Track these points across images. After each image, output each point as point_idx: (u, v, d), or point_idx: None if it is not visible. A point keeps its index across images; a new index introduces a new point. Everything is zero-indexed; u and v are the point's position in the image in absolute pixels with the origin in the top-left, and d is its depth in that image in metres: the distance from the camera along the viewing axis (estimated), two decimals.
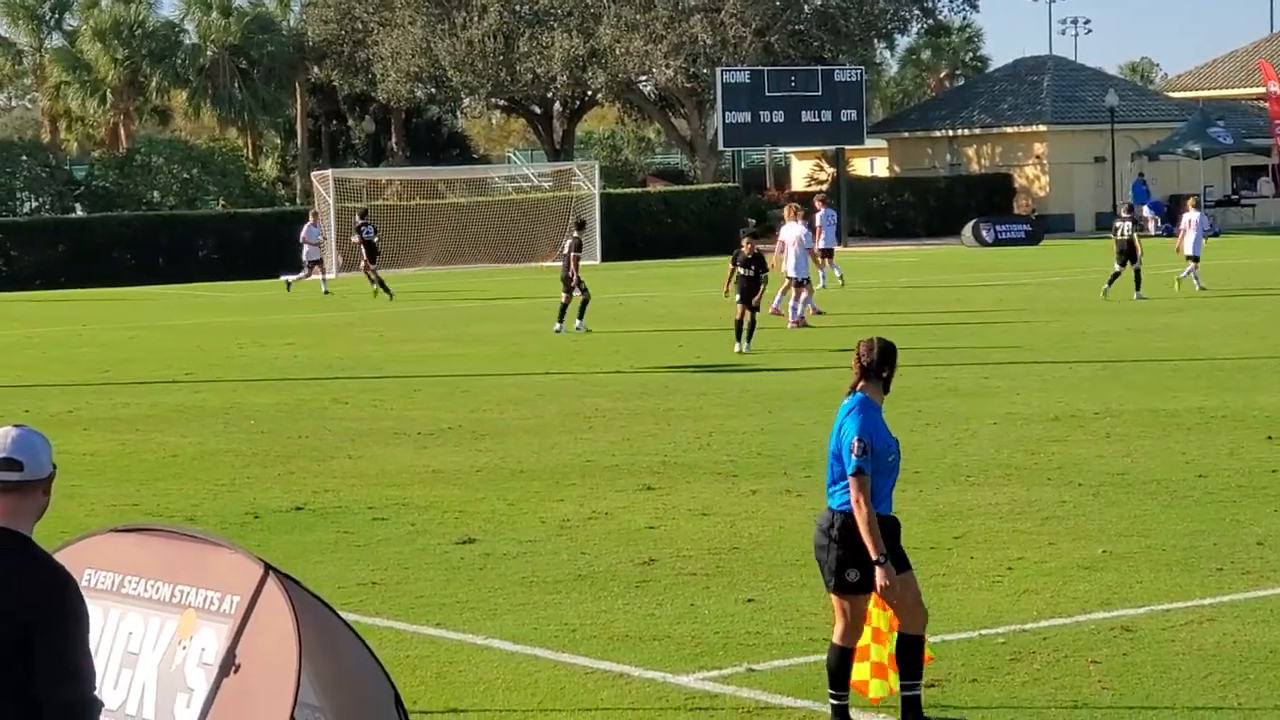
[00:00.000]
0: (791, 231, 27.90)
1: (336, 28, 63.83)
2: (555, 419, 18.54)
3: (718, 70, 57.06)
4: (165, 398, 22.43)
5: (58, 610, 4.62)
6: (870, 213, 58.46)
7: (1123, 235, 31.94)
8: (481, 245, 52.66)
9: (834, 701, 7.41)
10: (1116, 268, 31.06)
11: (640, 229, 52.32)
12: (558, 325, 27.38)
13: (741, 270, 23.52)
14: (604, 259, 49.96)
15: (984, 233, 51.68)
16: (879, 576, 7.10)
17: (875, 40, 66.19)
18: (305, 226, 42.93)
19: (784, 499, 13.06)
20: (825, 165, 62.73)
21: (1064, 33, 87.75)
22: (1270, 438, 15.10)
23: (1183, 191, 55.30)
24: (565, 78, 61.75)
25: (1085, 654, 8.68)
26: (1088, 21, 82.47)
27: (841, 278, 35.34)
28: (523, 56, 61.51)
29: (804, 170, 66.69)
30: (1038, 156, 59.50)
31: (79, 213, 56.41)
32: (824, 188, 61.63)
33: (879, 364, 7.38)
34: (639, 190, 61.66)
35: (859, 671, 7.33)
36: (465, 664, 9.28)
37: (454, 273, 50.18)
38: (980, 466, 14.18)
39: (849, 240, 53.23)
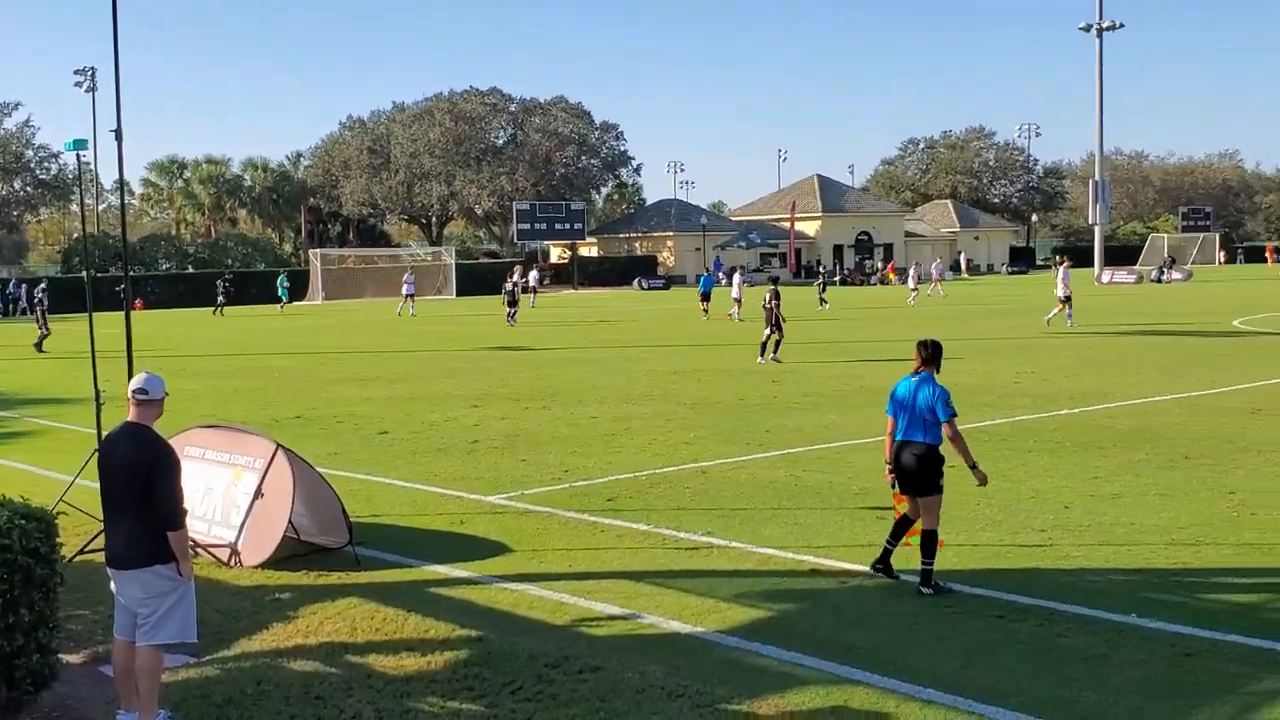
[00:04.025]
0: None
1: (322, 177, 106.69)
2: (431, 371, 27.95)
3: (514, 203, 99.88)
4: (232, 364, 31.57)
5: (163, 465, 7.21)
6: (588, 274, 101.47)
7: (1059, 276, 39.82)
8: (395, 288, 70.98)
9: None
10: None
11: (478, 280, 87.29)
12: (760, 359, 30.10)
13: None
14: (457, 295, 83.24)
15: (643, 284, 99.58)
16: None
17: (590, 189, 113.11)
18: (405, 275, 61.30)
19: (540, 413, 21.21)
20: (566, 250, 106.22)
21: (680, 185, 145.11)
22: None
23: (735, 267, 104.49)
24: (437, 205, 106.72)
25: (684, 483, 14.21)
26: (692, 182, 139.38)
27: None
28: (418, 193, 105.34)
29: (557, 253, 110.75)
30: (669, 247, 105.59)
31: (190, 270, 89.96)
32: (566, 260, 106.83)
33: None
34: (475, 260, 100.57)
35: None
36: (380, 492, 13.95)
37: (382, 302, 75.15)
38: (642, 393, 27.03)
39: (580, 286, 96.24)
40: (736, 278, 50.15)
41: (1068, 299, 41.12)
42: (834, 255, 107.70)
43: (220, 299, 64.38)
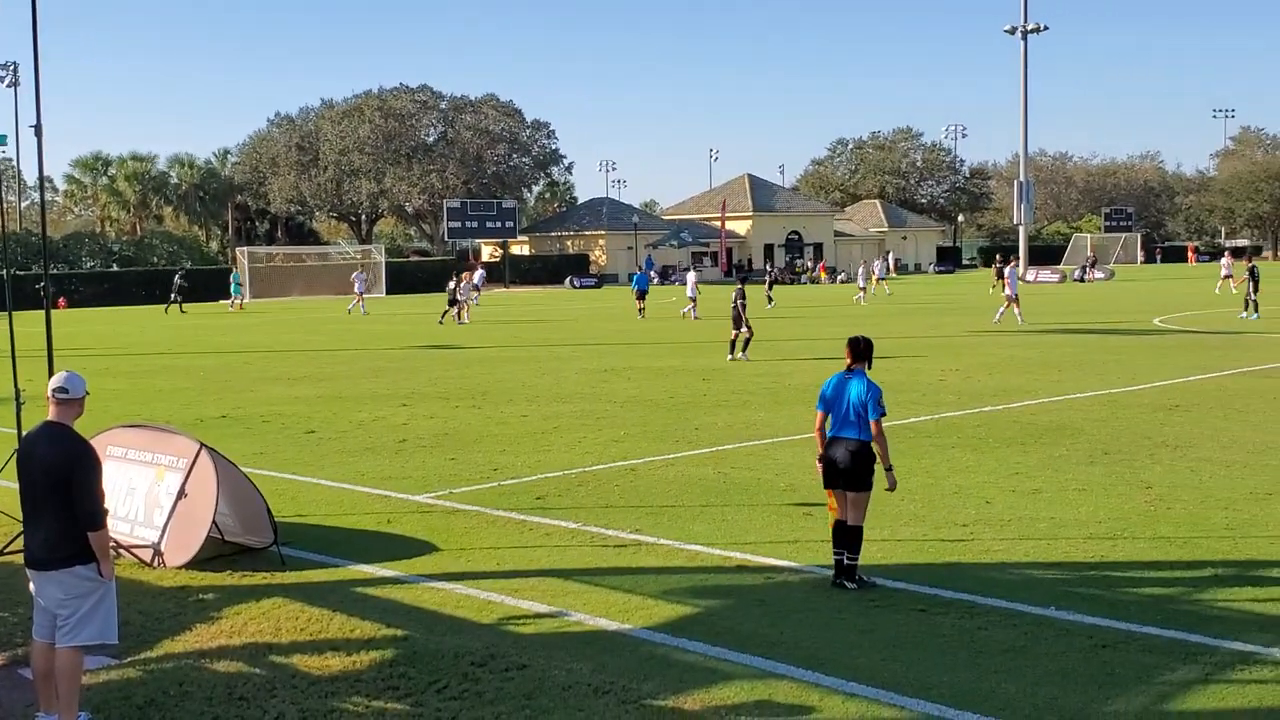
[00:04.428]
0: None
1: (250, 174, 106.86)
2: (359, 369, 28.46)
3: (444, 200, 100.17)
4: (156, 362, 31.80)
5: (84, 465, 7.22)
6: (519, 273, 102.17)
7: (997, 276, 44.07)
8: (323, 286, 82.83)
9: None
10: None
11: (408, 279, 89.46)
12: (730, 355, 30.49)
13: None
14: (387, 293, 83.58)
15: (574, 282, 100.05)
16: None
17: (522, 187, 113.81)
18: (356, 273, 62.43)
19: (470, 412, 20.88)
20: (497, 249, 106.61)
21: (613, 184, 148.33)
22: None
23: (672, 266, 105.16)
24: (367, 202, 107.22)
25: (613, 481, 14.32)
26: (624, 181, 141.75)
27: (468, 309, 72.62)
28: (347, 191, 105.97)
29: (488, 251, 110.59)
30: (601, 246, 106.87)
31: (115, 269, 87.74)
32: (497, 259, 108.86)
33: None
34: (405, 259, 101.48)
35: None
36: (306, 491, 13.95)
37: (308, 300, 77.64)
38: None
39: (511, 285, 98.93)
40: (691, 276, 49.73)
41: (1015, 298, 43.37)
42: (765, 254, 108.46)
43: (177, 297, 64.63)
